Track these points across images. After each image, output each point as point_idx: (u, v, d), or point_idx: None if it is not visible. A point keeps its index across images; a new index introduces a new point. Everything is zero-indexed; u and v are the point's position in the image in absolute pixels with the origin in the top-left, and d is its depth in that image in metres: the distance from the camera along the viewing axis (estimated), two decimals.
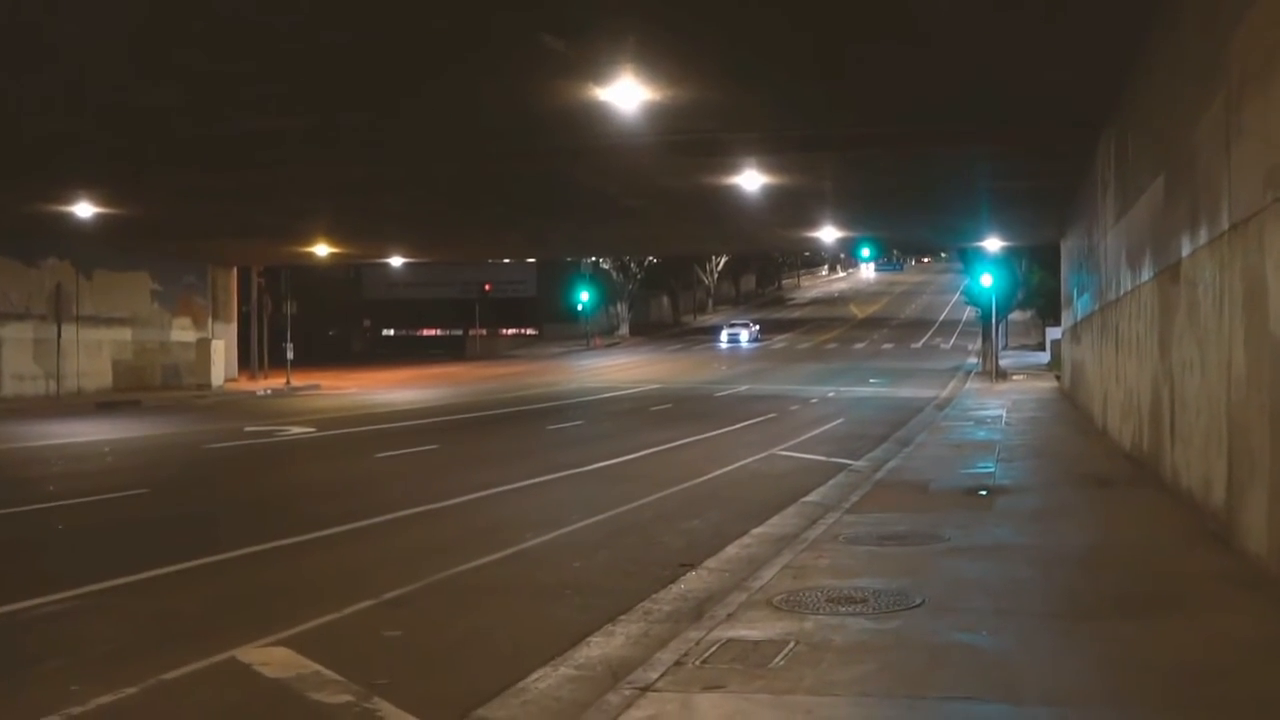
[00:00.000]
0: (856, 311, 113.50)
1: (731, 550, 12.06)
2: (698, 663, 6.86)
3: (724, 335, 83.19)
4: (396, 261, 60.34)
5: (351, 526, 13.64)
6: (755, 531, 13.21)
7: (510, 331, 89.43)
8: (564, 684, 7.32)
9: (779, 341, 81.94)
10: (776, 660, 6.82)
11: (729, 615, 8.10)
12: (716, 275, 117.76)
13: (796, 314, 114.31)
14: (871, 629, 7.57)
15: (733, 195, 30.08)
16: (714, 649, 7.16)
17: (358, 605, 9.49)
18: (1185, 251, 12.34)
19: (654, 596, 9.85)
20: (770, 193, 29.78)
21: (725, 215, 34.65)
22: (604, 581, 10.62)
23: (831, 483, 17.64)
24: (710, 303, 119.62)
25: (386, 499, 15.90)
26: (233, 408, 38.10)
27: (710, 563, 11.40)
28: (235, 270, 54.49)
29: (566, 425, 29.46)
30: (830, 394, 40.44)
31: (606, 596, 9.90)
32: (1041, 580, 9.14)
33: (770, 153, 24.91)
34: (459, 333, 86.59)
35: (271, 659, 7.84)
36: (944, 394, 39.72)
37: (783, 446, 23.34)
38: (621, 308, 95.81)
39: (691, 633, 7.67)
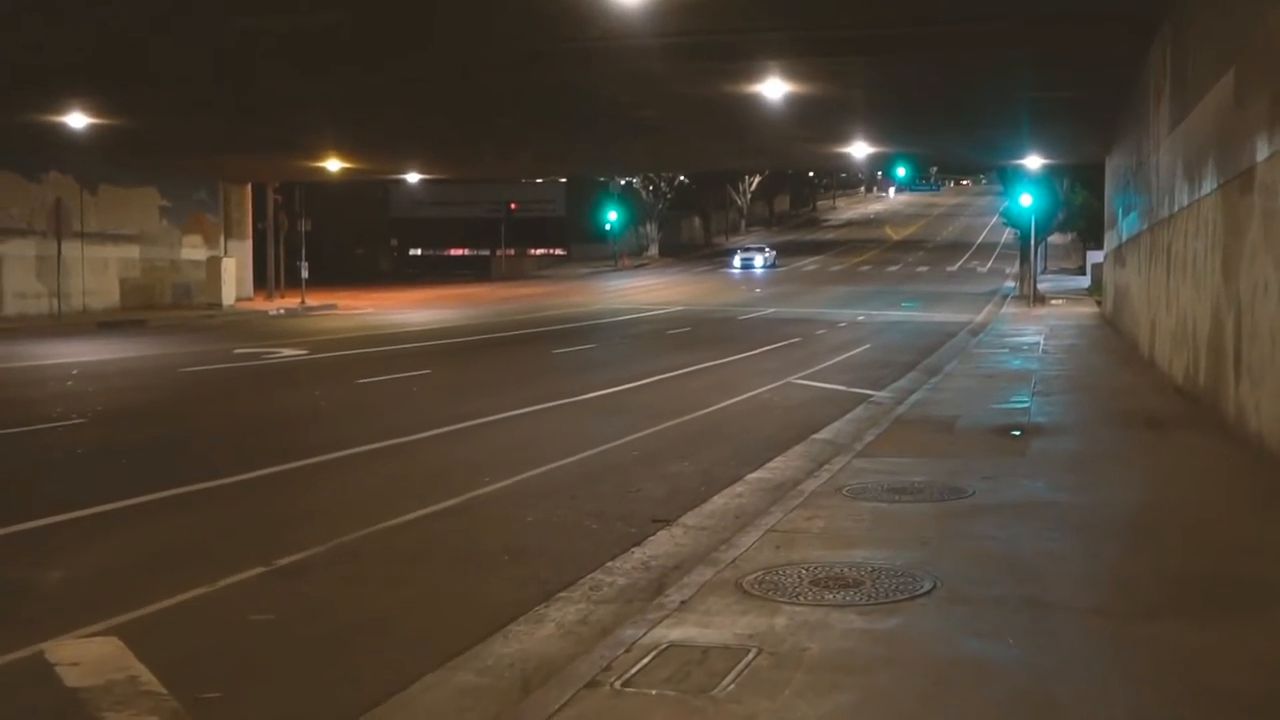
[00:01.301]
0: (892, 233, 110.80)
1: (718, 502, 10.29)
2: (618, 683, 5.09)
3: (737, 260, 78.51)
4: (414, 178, 58.39)
5: (287, 467, 11.94)
6: (750, 477, 11.44)
7: (538, 251, 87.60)
8: (454, 699, 5.58)
9: (811, 263, 79.73)
10: (725, 682, 5.04)
11: (683, 602, 6.32)
12: (750, 195, 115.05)
13: (830, 235, 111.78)
14: (861, 631, 5.76)
15: (755, 106, 28.07)
16: (648, 659, 5.38)
17: (241, 574, 7.76)
18: (1261, 155, 10.45)
19: (608, 565, 8.08)
20: (795, 103, 27.75)
21: (749, 128, 32.66)
22: (555, 543, 8.87)
23: (848, 417, 15.84)
24: (743, 224, 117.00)
25: (347, 432, 14.24)
26: (237, 328, 36.49)
27: (689, 518, 9.62)
28: (249, 187, 52.76)
29: (576, 349, 27.73)
30: (860, 318, 38.59)
31: (552, 564, 8.15)
32: (1084, 557, 7.30)
33: (792, 57, 22.95)
34: (487, 253, 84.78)
35: (88, 655, 6.11)
36: (978, 319, 37.74)
37: (801, 374, 21.55)
38: (651, 228, 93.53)
39: (628, 630, 5.90)
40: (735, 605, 6.27)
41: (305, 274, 49.63)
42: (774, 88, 25.77)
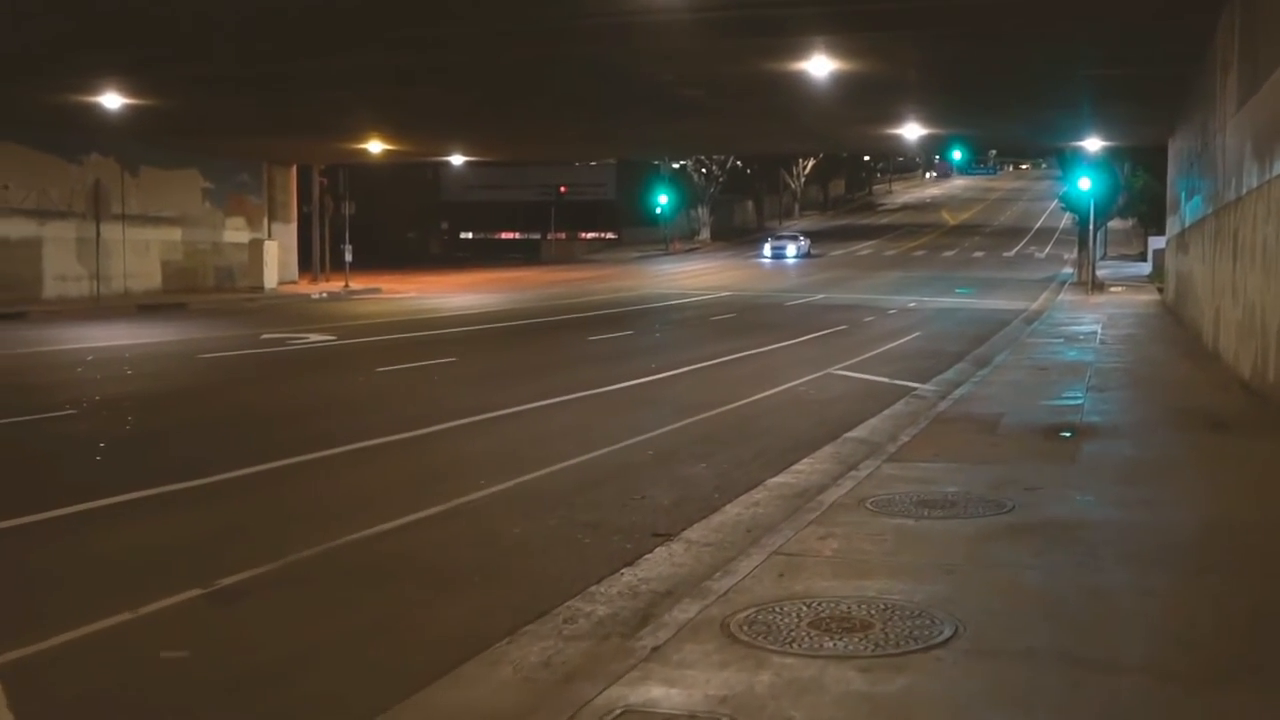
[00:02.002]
0: (948, 218, 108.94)
1: (730, 512, 9.26)
2: None
3: (768, 249, 73.20)
4: (458, 160, 57.54)
5: (270, 466, 11.04)
6: (771, 482, 10.42)
7: (589, 235, 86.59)
8: None
9: (864, 248, 78.26)
10: None
11: (654, 649, 5.35)
12: (803, 179, 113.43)
13: (885, 220, 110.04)
14: (859, 696, 4.76)
15: (801, 84, 26.91)
16: None
17: (174, 597, 6.84)
18: None
19: (591, 590, 7.09)
20: (843, 82, 26.59)
21: (796, 108, 31.49)
22: (539, 561, 7.91)
23: (886, 413, 14.78)
24: (796, 208, 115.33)
25: (352, 426, 13.34)
26: (274, 312, 35.82)
27: (694, 532, 8.62)
28: (294, 169, 52.11)
29: (612, 336, 26.75)
30: (911, 304, 37.45)
31: (528, 587, 7.20)
32: (1135, 594, 6.23)
33: (837, 32, 21.83)
34: (537, 236, 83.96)
35: None
36: (1034, 306, 36.46)
37: (843, 365, 20.51)
38: (703, 212, 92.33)
39: (582, 686, 4.95)
40: (715, 654, 5.28)
41: (349, 257, 49.00)
42: (820, 65, 24.64)
